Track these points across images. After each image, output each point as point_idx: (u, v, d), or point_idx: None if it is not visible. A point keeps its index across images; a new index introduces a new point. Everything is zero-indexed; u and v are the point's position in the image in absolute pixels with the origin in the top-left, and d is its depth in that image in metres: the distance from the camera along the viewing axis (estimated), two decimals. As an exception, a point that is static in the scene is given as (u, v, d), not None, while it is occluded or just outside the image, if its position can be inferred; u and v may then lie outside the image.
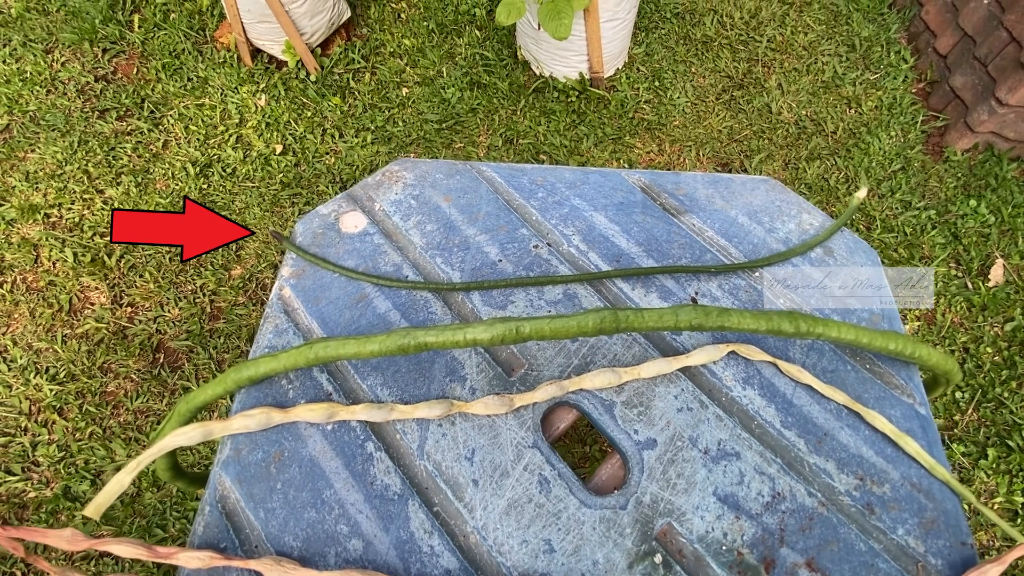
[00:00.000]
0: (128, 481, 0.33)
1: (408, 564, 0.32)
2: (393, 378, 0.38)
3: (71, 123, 1.36)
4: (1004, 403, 1.10)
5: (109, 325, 1.14)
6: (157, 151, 1.35)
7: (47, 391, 1.07)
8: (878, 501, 0.35)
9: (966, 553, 0.33)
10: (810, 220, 0.45)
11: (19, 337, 1.13)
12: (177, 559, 0.31)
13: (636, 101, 1.43)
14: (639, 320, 0.33)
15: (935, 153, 1.41)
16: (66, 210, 1.26)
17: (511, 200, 0.45)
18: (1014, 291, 1.23)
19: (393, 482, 0.35)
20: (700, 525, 0.34)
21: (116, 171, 1.31)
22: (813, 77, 1.50)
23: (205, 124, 1.39)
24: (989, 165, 1.37)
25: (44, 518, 0.98)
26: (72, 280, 1.18)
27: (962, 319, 1.20)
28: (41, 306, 1.16)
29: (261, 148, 1.38)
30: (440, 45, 1.53)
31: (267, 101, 1.44)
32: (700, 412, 0.38)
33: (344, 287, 0.41)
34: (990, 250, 1.28)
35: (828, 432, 0.37)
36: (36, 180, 1.30)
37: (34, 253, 1.21)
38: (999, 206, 1.33)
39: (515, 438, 0.36)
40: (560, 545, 0.33)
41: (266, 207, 1.30)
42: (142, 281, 1.19)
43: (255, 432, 0.35)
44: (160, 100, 1.42)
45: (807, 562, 0.33)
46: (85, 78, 1.43)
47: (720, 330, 0.34)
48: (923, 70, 1.52)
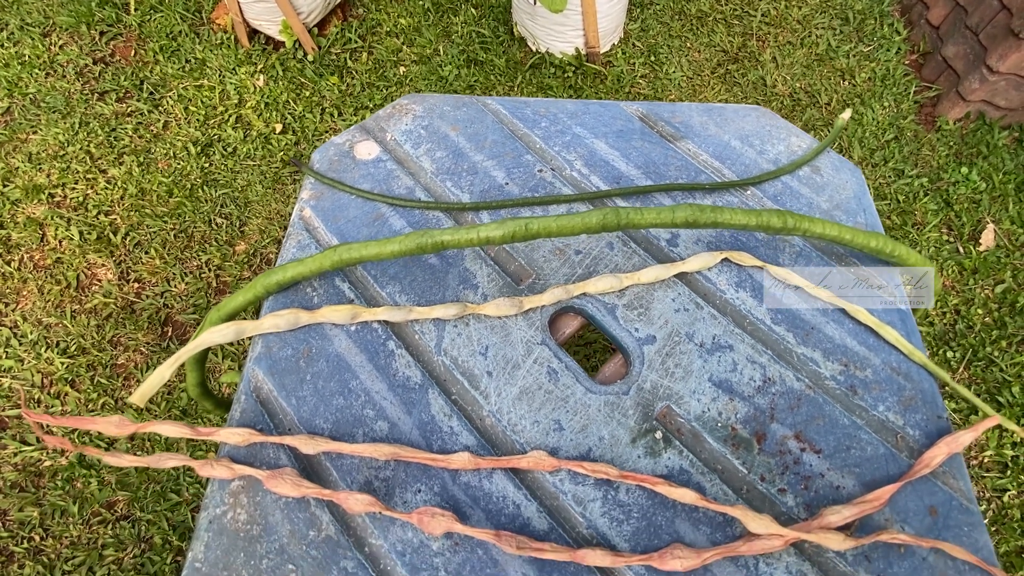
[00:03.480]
0: (168, 375, 0.36)
1: (430, 442, 0.35)
2: (410, 286, 0.41)
3: (71, 105, 1.38)
4: (994, 362, 1.13)
5: (117, 300, 1.16)
6: (158, 132, 1.37)
7: (58, 364, 1.09)
8: (860, 383, 0.38)
9: (941, 425, 0.37)
10: (798, 143, 0.48)
11: (28, 313, 1.15)
12: (218, 436, 0.33)
13: (632, 76, 1.46)
14: (639, 217, 0.36)
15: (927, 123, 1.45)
16: (70, 190, 1.28)
17: (516, 130, 0.48)
18: (1004, 255, 1.27)
19: (413, 374, 0.37)
20: (696, 406, 0.37)
21: (118, 151, 1.33)
22: (807, 50, 1.53)
23: (204, 105, 1.40)
24: (980, 133, 1.40)
25: (60, 485, 1.00)
26: (79, 257, 1.20)
27: (954, 282, 1.24)
28: (49, 283, 1.17)
29: (261, 128, 1.39)
30: (436, 23, 1.55)
31: (265, 81, 1.45)
32: (696, 312, 0.41)
33: (361, 207, 0.44)
34: (981, 216, 1.32)
35: (815, 326, 0.40)
36: (39, 161, 1.31)
37: (40, 232, 1.23)
38: (990, 173, 1.36)
39: (525, 336, 0.39)
40: (569, 424, 0.36)
41: (267, 184, 1.32)
42: (148, 257, 1.21)
43: (284, 332, 0.38)
44: (159, 82, 1.44)
45: (795, 435, 0.36)
46: (83, 60, 1.44)
47: (714, 226, 0.37)
48: (916, 41, 1.56)
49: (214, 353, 1.10)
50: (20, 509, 0.97)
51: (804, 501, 0.34)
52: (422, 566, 0.31)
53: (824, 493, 0.34)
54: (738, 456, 0.35)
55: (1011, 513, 0.99)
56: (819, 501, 0.34)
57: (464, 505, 0.33)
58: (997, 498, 1.02)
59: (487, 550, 0.32)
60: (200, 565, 0.30)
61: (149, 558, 0.95)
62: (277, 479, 0.32)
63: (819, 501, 0.34)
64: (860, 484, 0.34)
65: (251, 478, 0.33)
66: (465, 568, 0.31)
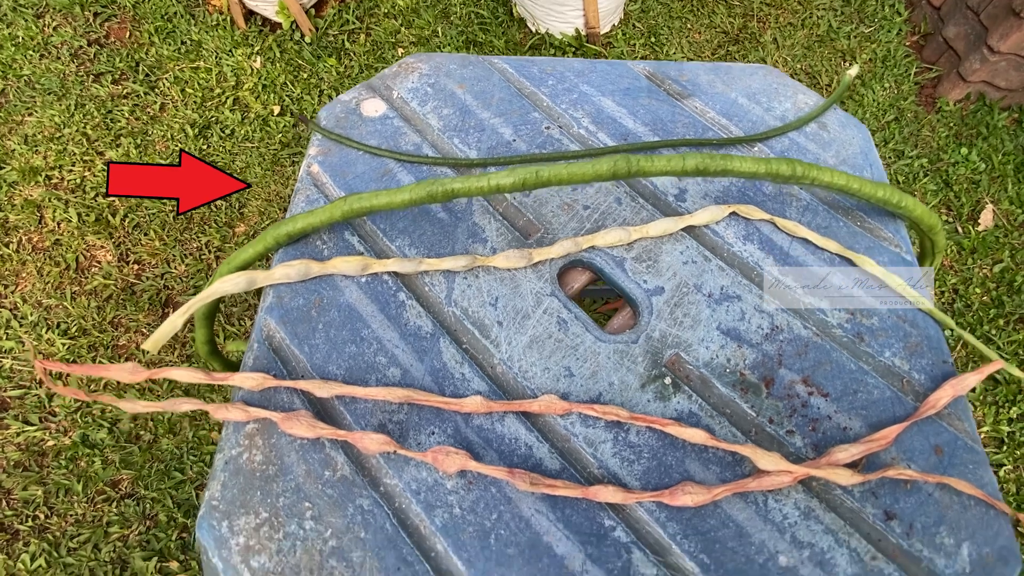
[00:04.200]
0: (180, 323, 0.36)
1: (443, 388, 0.35)
2: (420, 240, 0.41)
3: (67, 87, 1.36)
4: (992, 339, 1.15)
5: (117, 282, 1.16)
6: (155, 114, 1.36)
7: (59, 345, 1.09)
8: (867, 331, 0.38)
9: (947, 369, 0.37)
10: (805, 100, 0.48)
11: (28, 295, 1.14)
12: (233, 380, 0.33)
13: (632, 57, 1.45)
14: (649, 164, 0.36)
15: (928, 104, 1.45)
16: (67, 172, 1.27)
17: (522, 88, 0.48)
18: (1003, 234, 1.28)
19: (424, 324, 0.37)
20: (705, 353, 0.37)
21: (115, 133, 1.31)
22: (808, 31, 1.52)
23: (201, 87, 1.39)
24: (980, 114, 1.41)
25: (64, 464, 1.00)
26: (77, 239, 1.19)
27: (952, 262, 1.25)
28: (48, 265, 1.17)
29: (259, 110, 1.38)
30: (434, 5, 1.54)
31: (262, 63, 1.44)
32: (704, 264, 0.41)
33: (368, 163, 0.43)
34: (980, 196, 1.32)
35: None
36: (35, 143, 1.30)
37: (38, 214, 1.22)
38: (990, 154, 1.37)
39: (534, 288, 0.39)
40: (579, 371, 0.36)
41: (266, 166, 1.31)
42: (147, 239, 1.20)
43: (295, 283, 0.38)
44: (155, 64, 1.42)
45: (803, 379, 0.36)
46: (78, 42, 1.42)
47: (723, 174, 0.37)
48: (917, 23, 1.55)
49: (217, 322, 1.10)
50: (24, 488, 0.98)
51: (812, 442, 0.34)
52: (437, 503, 0.32)
53: (831, 434, 0.35)
54: (747, 400, 0.36)
55: (1007, 487, 1.01)
56: (827, 442, 0.34)
57: (477, 447, 0.33)
58: (994, 472, 1.03)
59: (500, 488, 0.32)
60: (217, 503, 0.31)
61: (154, 535, 0.96)
62: (292, 420, 0.32)
63: (827, 442, 0.34)
64: (867, 426, 0.35)
65: (266, 421, 0.33)
66: (479, 505, 0.32)
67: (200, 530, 0.30)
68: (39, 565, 0.92)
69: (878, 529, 0.32)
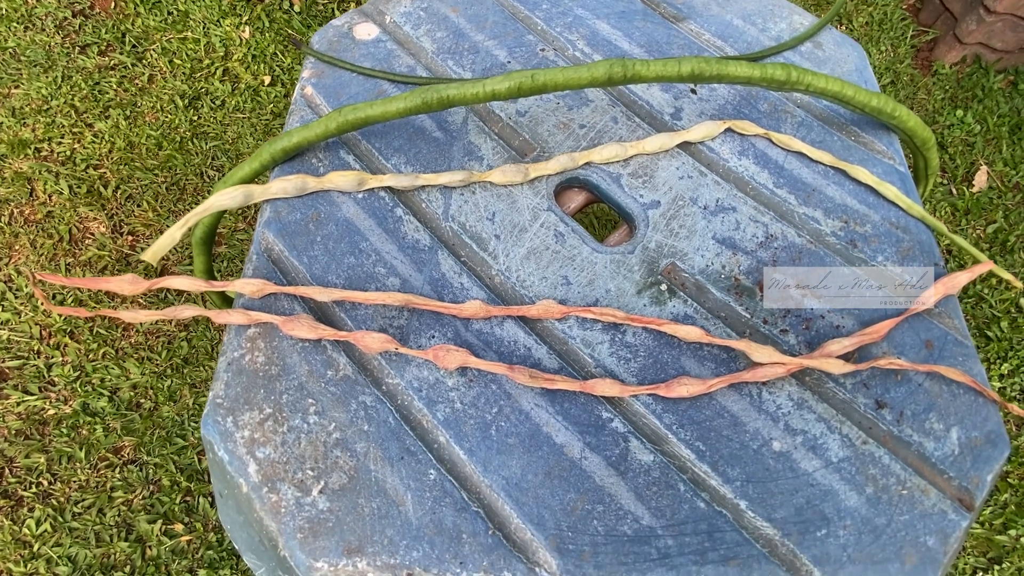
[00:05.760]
0: (179, 236, 0.36)
1: (442, 296, 0.36)
2: (415, 158, 0.41)
3: (52, 59, 1.34)
4: (984, 299, 1.16)
5: (112, 253, 1.15)
6: (143, 85, 1.34)
7: (56, 316, 1.08)
8: (860, 237, 0.39)
9: (938, 271, 0.38)
10: (800, 20, 0.48)
11: (22, 267, 1.13)
12: (233, 286, 0.34)
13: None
14: (645, 69, 0.36)
15: (924, 67, 1.44)
16: (56, 144, 1.25)
17: (516, 12, 0.47)
18: (996, 196, 1.28)
19: (422, 238, 0.38)
20: (700, 261, 0.38)
21: (103, 105, 1.30)
22: (801, -9, 1.50)
23: (190, 58, 1.37)
24: (976, 77, 1.40)
25: (66, 432, 1.00)
26: (70, 211, 1.18)
27: (947, 223, 1.26)
28: (41, 237, 1.16)
29: (249, 80, 1.36)
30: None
31: (251, 33, 1.42)
32: (699, 179, 0.41)
33: (362, 84, 0.43)
34: (975, 158, 1.33)
35: (816, 188, 0.41)
36: (23, 116, 1.28)
37: (29, 187, 1.21)
38: (985, 116, 1.37)
39: (531, 203, 0.39)
40: (576, 279, 0.37)
41: (258, 136, 1.29)
42: (140, 210, 1.19)
43: (292, 198, 0.38)
44: (141, 35, 1.39)
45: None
46: (62, 13, 1.39)
47: (718, 79, 0.37)
48: (914, -15, 1.54)
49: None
50: (27, 456, 0.98)
51: (805, 340, 0.35)
52: (438, 399, 0.32)
53: (824, 332, 0.35)
54: (741, 303, 0.36)
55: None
56: (819, 339, 0.35)
57: (477, 349, 0.34)
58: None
59: (500, 384, 0.33)
60: (221, 400, 0.31)
61: (158, 499, 0.96)
62: (293, 323, 0.32)
63: (819, 339, 0.35)
64: (859, 324, 0.35)
65: (267, 325, 0.33)
66: (480, 400, 0.32)
67: (205, 427, 0.31)
68: (44, 529, 0.92)
69: (869, 417, 0.33)
